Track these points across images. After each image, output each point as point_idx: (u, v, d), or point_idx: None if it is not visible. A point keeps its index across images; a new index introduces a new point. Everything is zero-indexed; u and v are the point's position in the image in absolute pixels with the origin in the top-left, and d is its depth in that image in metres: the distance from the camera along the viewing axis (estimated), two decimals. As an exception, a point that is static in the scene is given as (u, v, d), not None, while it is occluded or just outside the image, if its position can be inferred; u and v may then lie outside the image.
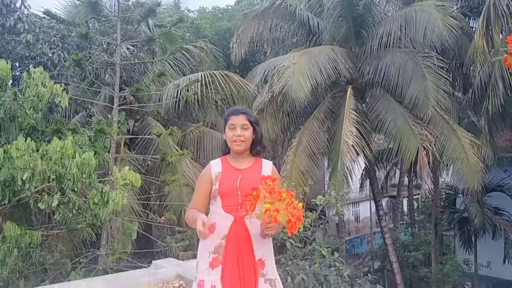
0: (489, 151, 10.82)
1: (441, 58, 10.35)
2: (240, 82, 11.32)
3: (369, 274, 9.50)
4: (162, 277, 4.59)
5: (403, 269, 14.02)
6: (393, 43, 10.34)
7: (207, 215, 2.51)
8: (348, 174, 9.67)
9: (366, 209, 23.75)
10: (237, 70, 14.38)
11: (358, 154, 10.16)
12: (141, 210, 9.20)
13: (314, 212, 7.36)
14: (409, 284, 16.14)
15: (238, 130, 2.53)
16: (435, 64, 9.98)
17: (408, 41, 10.69)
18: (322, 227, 7.51)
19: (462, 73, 12.48)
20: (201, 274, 2.48)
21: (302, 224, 2.41)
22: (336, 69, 10.62)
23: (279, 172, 10.49)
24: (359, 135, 10.22)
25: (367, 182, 18.16)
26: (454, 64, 12.24)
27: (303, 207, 2.28)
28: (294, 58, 10.22)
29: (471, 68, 11.21)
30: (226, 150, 2.63)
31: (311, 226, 7.35)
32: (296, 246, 7.23)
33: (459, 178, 11.17)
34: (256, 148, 2.60)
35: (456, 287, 15.12)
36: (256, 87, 12.61)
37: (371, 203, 20.96)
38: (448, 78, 10.94)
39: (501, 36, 10.29)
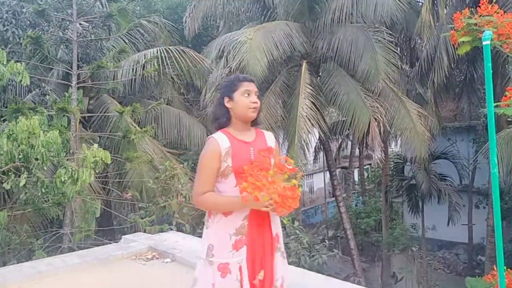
0: (434, 121, 11.51)
1: (390, 32, 10.78)
2: (197, 58, 11.30)
3: (325, 242, 10.05)
4: (135, 250, 4.73)
5: (355, 235, 14.76)
6: (345, 18, 10.62)
7: None
8: (305, 147, 10.00)
9: (319, 180, 24.55)
10: (190, 45, 14.24)
11: (313, 126, 10.50)
12: (101, 188, 9.17)
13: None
14: (361, 249, 17.03)
15: (254, 97, 2.39)
16: (384, 39, 10.40)
17: (359, 16, 11.02)
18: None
19: (410, 46, 13.05)
20: (223, 257, 2.32)
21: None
22: (291, 44, 10.82)
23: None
24: (314, 108, 10.56)
25: (321, 154, 18.78)
26: (402, 38, 12.75)
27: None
28: (250, 34, 10.31)
29: (418, 42, 11.74)
30: (225, 122, 2.42)
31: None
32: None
33: (408, 147, 11.82)
34: (257, 118, 2.47)
35: (404, 250, 16.15)
36: (212, 62, 12.62)
37: (325, 174, 21.71)
38: (397, 52, 11.42)
39: (445, 11, 10.85)
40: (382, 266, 15.72)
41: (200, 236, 6.94)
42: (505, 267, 4.18)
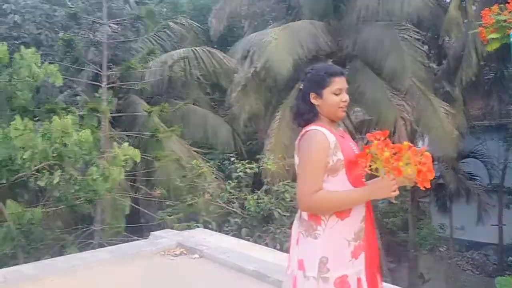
0: (463, 120, 11.30)
1: (417, 30, 10.64)
2: (222, 58, 11.45)
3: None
4: (163, 246, 4.86)
5: (382, 234, 14.62)
6: (371, 16, 10.56)
7: None
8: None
9: (345, 180, 24.32)
10: (216, 46, 14.41)
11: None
12: (130, 186, 9.40)
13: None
14: (387, 249, 16.85)
15: (345, 95, 2.13)
16: (411, 37, 10.26)
17: (385, 14, 10.93)
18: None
19: (437, 44, 12.84)
20: (342, 268, 2.01)
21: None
22: (316, 43, 10.80)
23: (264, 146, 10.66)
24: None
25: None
26: (429, 36, 12.57)
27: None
28: (275, 33, 10.36)
29: (446, 39, 11.56)
30: (312, 118, 2.14)
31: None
32: (283, 215, 7.58)
33: (435, 146, 11.65)
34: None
35: (432, 250, 15.90)
36: (237, 63, 12.73)
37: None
38: (424, 50, 11.27)
39: (474, 8, 10.64)
40: (409, 266, 15.52)
41: (227, 234, 7.03)
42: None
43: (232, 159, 8.06)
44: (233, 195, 7.96)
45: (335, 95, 2.10)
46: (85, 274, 4.11)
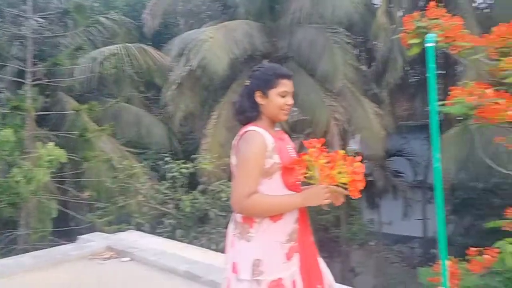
0: (390, 120, 11.88)
1: (348, 34, 11.03)
2: (156, 55, 11.23)
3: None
4: (91, 250, 4.68)
5: (315, 231, 15.00)
6: (304, 18, 10.80)
7: None
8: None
9: (281, 179, 24.72)
10: (150, 43, 14.10)
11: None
12: (58, 188, 8.96)
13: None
14: (320, 245, 17.33)
15: (290, 99, 2.12)
16: (342, 40, 10.64)
17: (318, 17, 11.23)
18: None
19: (367, 48, 13.40)
20: (277, 271, 1.99)
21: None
22: (252, 43, 10.89)
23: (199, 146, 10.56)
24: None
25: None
26: (360, 40, 13.07)
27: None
28: (212, 32, 10.31)
29: (375, 43, 12.09)
30: (254, 117, 2.12)
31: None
32: (219, 215, 7.58)
33: (365, 145, 12.14)
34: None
35: (362, 245, 16.57)
36: (172, 60, 12.54)
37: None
38: (354, 53, 11.71)
39: (400, 14, 11.21)
40: (341, 261, 16.07)
41: (161, 235, 6.90)
42: (449, 257, 4.42)
43: (167, 159, 7.93)
44: (167, 195, 7.83)
45: (280, 97, 2.09)
46: (5, 282, 3.86)
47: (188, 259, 4.29)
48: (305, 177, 1.98)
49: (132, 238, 5.00)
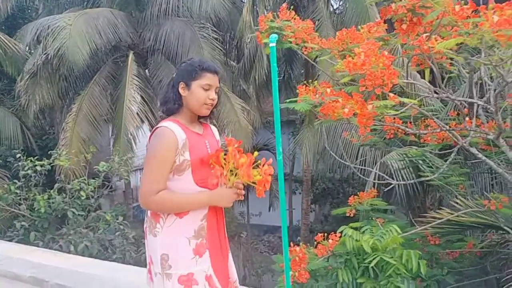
0: (257, 115, 12.34)
1: (215, 29, 11.16)
2: (8, 42, 10.17)
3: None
4: None
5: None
6: (172, 11, 10.66)
7: None
8: (132, 140, 9.77)
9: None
10: (3, 27, 12.68)
11: (141, 119, 10.33)
12: None
13: (97, 179, 7.38)
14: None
15: (213, 93, 2.13)
16: (210, 35, 10.73)
17: (186, 10, 11.16)
18: (103, 193, 7.56)
19: (236, 44, 13.71)
20: (186, 267, 2.02)
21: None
22: (116, 33, 10.41)
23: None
24: (143, 101, 10.41)
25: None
26: (228, 36, 13.32)
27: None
28: (71, 19, 9.61)
29: (242, 40, 12.43)
30: (175, 109, 2.13)
31: (94, 193, 7.36)
32: (79, 215, 7.16)
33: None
34: (211, 114, 2.25)
35: (234, 236, 17.04)
36: (27, 48, 11.48)
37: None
38: (223, 49, 11.88)
39: (266, 12, 11.67)
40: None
41: (11, 239, 6.29)
42: (301, 244, 4.76)
43: (18, 155, 7.24)
44: (19, 196, 7.20)
45: (203, 90, 2.09)
46: None
47: (36, 263, 3.99)
48: (221, 174, 2.01)
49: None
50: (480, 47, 2.64)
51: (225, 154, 2.07)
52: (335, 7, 12.99)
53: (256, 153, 2.03)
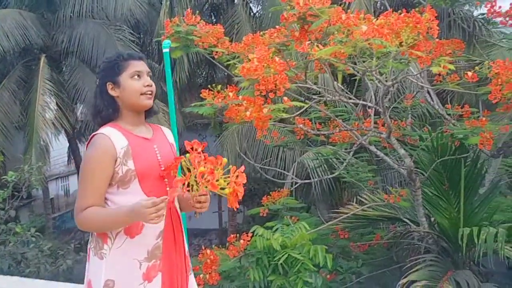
0: (180, 118, 12.23)
1: (133, 32, 10.93)
2: None
3: (79, 246, 9.55)
4: None
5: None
6: (86, 12, 10.29)
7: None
8: (44, 148, 9.31)
9: (76, 183, 23.16)
10: None
11: (55, 125, 9.90)
12: None
13: (6, 189, 6.94)
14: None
15: (147, 78, 1.84)
16: (127, 37, 10.49)
17: (101, 12, 10.83)
18: (13, 205, 7.15)
19: (156, 47, 13.48)
20: None
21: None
22: (26, 35, 9.89)
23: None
24: (56, 106, 9.98)
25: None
26: (148, 38, 13.09)
27: None
28: (-28, 20, 9.00)
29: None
30: (111, 115, 1.82)
31: (4, 205, 6.92)
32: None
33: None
34: (153, 106, 1.90)
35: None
36: None
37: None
38: (141, 51, 11.66)
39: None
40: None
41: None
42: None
43: None
44: None
45: (135, 79, 1.81)
46: None
47: None
48: (182, 183, 1.66)
49: None
50: (354, 54, 2.83)
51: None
52: (254, 11, 13.19)
53: (225, 160, 1.67)
